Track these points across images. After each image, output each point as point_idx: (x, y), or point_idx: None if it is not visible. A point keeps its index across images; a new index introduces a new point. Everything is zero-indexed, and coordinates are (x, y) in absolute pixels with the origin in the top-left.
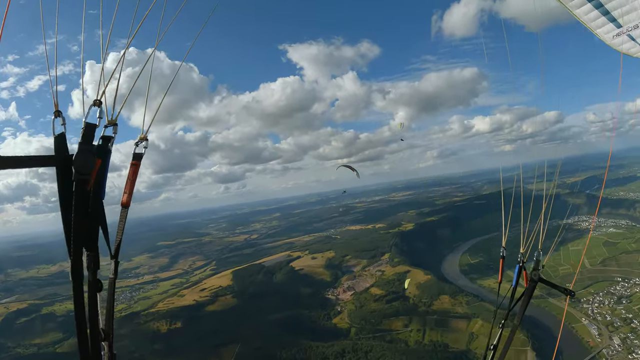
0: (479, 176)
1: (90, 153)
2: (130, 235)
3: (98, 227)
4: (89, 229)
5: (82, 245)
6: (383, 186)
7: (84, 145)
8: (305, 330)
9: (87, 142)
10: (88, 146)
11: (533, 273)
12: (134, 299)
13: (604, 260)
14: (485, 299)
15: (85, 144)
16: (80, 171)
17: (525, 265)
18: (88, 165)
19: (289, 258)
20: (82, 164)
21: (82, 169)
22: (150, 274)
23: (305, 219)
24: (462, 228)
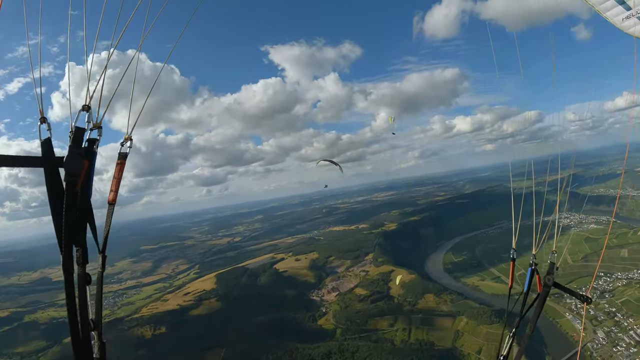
0: (460, 175)
1: (80, 156)
2: (112, 239)
3: (86, 225)
4: (78, 226)
5: (72, 241)
6: (365, 187)
7: (74, 149)
8: (290, 332)
9: (76, 145)
10: (78, 149)
11: (547, 277)
12: (117, 304)
13: (585, 256)
14: (469, 296)
15: (75, 147)
16: (70, 173)
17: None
18: (78, 167)
19: (272, 260)
20: (72, 166)
21: (73, 171)
22: (133, 279)
23: (288, 220)
24: (444, 227)
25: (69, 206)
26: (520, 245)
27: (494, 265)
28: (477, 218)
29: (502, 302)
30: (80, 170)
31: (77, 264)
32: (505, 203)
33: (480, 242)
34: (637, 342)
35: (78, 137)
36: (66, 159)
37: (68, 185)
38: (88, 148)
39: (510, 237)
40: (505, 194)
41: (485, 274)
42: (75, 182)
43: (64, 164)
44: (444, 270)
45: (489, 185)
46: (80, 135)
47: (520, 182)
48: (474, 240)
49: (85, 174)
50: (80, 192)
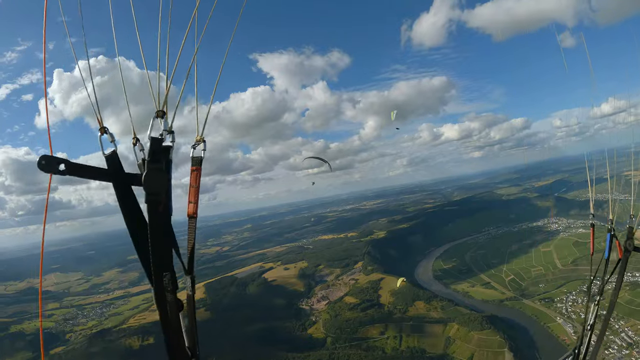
0: (448, 183)
1: (162, 171)
2: (100, 249)
3: (171, 248)
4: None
5: (163, 268)
6: (354, 195)
7: (152, 164)
8: (280, 341)
9: (155, 159)
10: (158, 164)
11: (627, 242)
12: (105, 315)
13: (575, 260)
14: (459, 303)
15: (154, 161)
16: (152, 192)
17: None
18: (162, 184)
19: (261, 269)
20: (155, 184)
21: (155, 189)
22: (120, 288)
23: (277, 229)
24: (434, 234)
25: (154, 229)
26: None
27: (483, 271)
28: (466, 225)
29: (493, 308)
30: (164, 188)
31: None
32: (493, 209)
33: (470, 249)
34: (628, 344)
35: (156, 149)
36: (146, 176)
37: (151, 206)
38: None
39: (500, 243)
40: (494, 200)
41: (475, 280)
42: (159, 202)
43: (145, 182)
44: (433, 277)
45: (477, 192)
46: (158, 147)
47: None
48: (463, 247)
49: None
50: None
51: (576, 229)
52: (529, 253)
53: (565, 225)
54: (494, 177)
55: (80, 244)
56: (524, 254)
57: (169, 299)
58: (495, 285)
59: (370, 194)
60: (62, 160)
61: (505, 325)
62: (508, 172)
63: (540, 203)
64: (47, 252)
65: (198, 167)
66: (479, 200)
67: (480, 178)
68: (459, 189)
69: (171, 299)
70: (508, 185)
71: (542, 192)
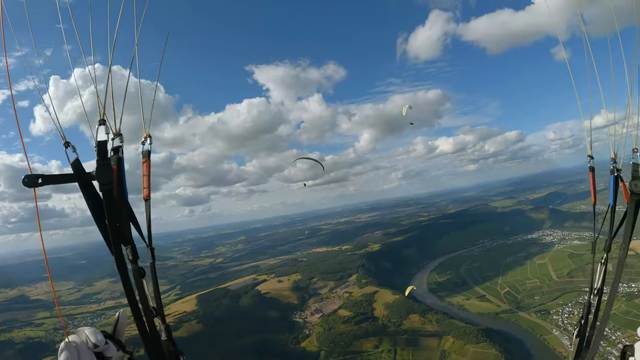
0: (443, 196)
1: (107, 166)
2: (92, 259)
3: (129, 224)
4: (122, 226)
5: (120, 241)
6: (349, 208)
7: (100, 161)
8: (273, 355)
9: (102, 157)
10: (104, 161)
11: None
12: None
13: (570, 272)
14: (454, 316)
15: (101, 159)
16: (103, 182)
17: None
18: (108, 176)
19: (255, 281)
20: (103, 177)
21: (104, 180)
22: (112, 299)
23: (271, 241)
24: (428, 247)
25: (109, 210)
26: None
27: (478, 284)
28: (460, 237)
29: (488, 321)
30: (111, 178)
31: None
32: (488, 222)
33: (465, 261)
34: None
35: (102, 150)
36: (95, 172)
37: (105, 193)
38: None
39: (495, 256)
40: (489, 213)
41: (470, 292)
42: (110, 189)
43: (96, 176)
44: (428, 290)
45: (472, 204)
46: (103, 148)
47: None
48: (458, 260)
49: (118, 179)
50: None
51: (571, 240)
52: (524, 265)
53: (560, 237)
54: (488, 189)
55: (71, 253)
56: (519, 266)
57: (132, 267)
58: (490, 298)
59: (364, 207)
60: (40, 175)
61: (501, 338)
62: (502, 184)
63: (535, 215)
64: (38, 261)
65: (147, 158)
66: (474, 213)
67: (474, 191)
68: (454, 202)
69: (134, 267)
70: (503, 197)
71: (536, 204)
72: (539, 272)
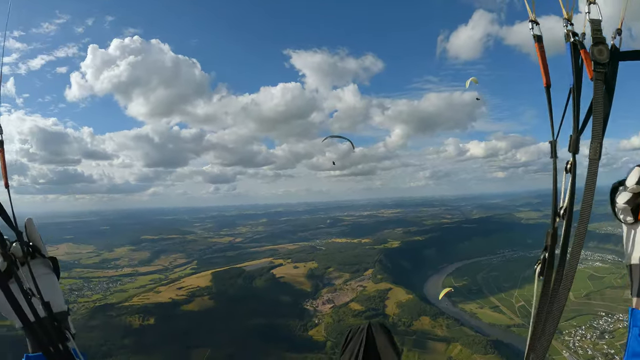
0: (469, 200)
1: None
2: (114, 226)
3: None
4: None
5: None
6: (373, 202)
7: None
8: (279, 339)
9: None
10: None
11: (596, 49)
12: (110, 290)
13: (588, 294)
14: (465, 323)
15: None
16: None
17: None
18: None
19: (271, 265)
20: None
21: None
22: (129, 266)
23: (292, 227)
24: (448, 250)
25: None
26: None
27: (494, 294)
28: (481, 244)
29: (499, 333)
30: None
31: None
32: (511, 232)
33: (483, 269)
34: None
35: None
36: None
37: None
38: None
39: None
40: (513, 223)
41: (485, 301)
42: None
43: None
44: None
45: (496, 212)
46: None
47: (529, 213)
48: (476, 267)
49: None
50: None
51: (593, 261)
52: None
53: (582, 257)
54: (515, 199)
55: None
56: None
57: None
58: (504, 310)
59: (389, 203)
60: None
61: (509, 352)
62: (530, 195)
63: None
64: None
65: (1, 149)
66: (498, 221)
67: (501, 199)
68: (479, 208)
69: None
70: (528, 209)
71: None
72: None
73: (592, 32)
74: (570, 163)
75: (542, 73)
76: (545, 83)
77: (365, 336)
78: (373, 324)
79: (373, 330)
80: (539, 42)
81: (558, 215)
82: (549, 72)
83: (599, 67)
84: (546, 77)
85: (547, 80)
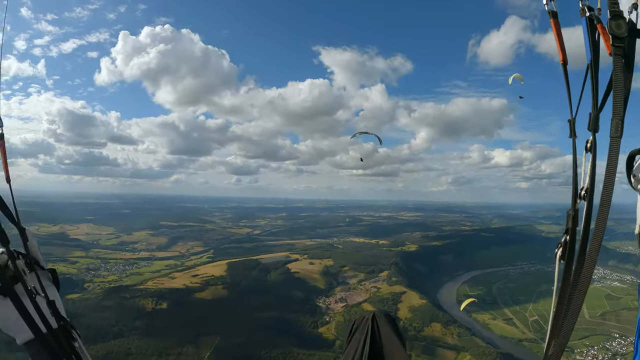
0: (490, 209)
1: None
2: (136, 210)
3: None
4: None
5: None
6: (393, 204)
7: None
8: (289, 334)
9: None
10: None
11: (614, 24)
12: (126, 272)
13: (604, 314)
14: (477, 333)
15: None
16: None
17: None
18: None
19: (287, 259)
20: None
21: None
22: (147, 250)
23: (311, 223)
24: (465, 258)
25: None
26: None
27: (508, 306)
28: (500, 254)
29: (510, 346)
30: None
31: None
32: (531, 244)
33: (499, 280)
34: None
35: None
36: None
37: None
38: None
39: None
40: (533, 235)
41: (498, 313)
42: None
43: None
44: (456, 302)
45: (517, 223)
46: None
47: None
48: (492, 277)
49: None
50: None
51: (612, 281)
52: None
53: (600, 275)
54: (537, 211)
55: (118, 201)
56: (552, 297)
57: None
58: (517, 323)
59: (409, 205)
60: None
61: None
62: (552, 208)
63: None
64: (84, 203)
65: (1, 141)
66: (518, 232)
67: (522, 210)
68: (499, 217)
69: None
70: (550, 222)
71: None
72: None
73: (609, 5)
74: (591, 142)
75: (559, 50)
76: (562, 60)
77: (370, 326)
78: (377, 314)
79: (378, 320)
80: (554, 18)
81: (579, 196)
82: (565, 49)
83: (617, 41)
84: (563, 54)
85: (564, 57)
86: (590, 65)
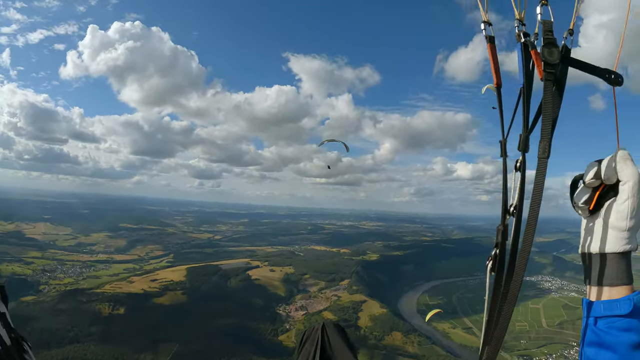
0: (450, 220)
1: None
2: (95, 210)
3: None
4: None
5: None
6: (355, 213)
7: None
8: (248, 341)
9: None
10: None
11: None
12: (83, 275)
13: (561, 323)
14: (437, 342)
15: None
16: None
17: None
18: None
19: (247, 266)
20: None
21: None
22: (105, 253)
23: (273, 230)
24: (426, 268)
25: None
26: None
27: (467, 315)
28: (459, 265)
29: (469, 355)
30: None
31: None
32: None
33: (459, 290)
34: None
35: None
36: None
37: None
38: None
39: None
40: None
41: (458, 322)
42: None
43: None
44: (417, 311)
45: (477, 234)
46: None
47: None
48: (452, 287)
49: None
50: None
51: (569, 291)
52: (517, 307)
53: (558, 285)
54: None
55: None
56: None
57: None
58: (476, 332)
59: (371, 215)
60: None
61: None
62: None
63: (538, 259)
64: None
65: None
66: (477, 244)
67: (482, 222)
68: (460, 229)
69: None
70: None
71: (541, 248)
72: (530, 317)
73: (543, 33)
74: (520, 161)
75: (493, 73)
76: (495, 83)
77: (320, 336)
78: (327, 323)
79: (327, 330)
80: (491, 43)
81: (508, 212)
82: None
83: (549, 67)
84: (497, 77)
85: (498, 80)
86: (522, 88)
